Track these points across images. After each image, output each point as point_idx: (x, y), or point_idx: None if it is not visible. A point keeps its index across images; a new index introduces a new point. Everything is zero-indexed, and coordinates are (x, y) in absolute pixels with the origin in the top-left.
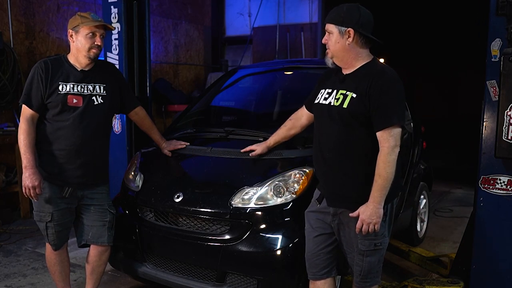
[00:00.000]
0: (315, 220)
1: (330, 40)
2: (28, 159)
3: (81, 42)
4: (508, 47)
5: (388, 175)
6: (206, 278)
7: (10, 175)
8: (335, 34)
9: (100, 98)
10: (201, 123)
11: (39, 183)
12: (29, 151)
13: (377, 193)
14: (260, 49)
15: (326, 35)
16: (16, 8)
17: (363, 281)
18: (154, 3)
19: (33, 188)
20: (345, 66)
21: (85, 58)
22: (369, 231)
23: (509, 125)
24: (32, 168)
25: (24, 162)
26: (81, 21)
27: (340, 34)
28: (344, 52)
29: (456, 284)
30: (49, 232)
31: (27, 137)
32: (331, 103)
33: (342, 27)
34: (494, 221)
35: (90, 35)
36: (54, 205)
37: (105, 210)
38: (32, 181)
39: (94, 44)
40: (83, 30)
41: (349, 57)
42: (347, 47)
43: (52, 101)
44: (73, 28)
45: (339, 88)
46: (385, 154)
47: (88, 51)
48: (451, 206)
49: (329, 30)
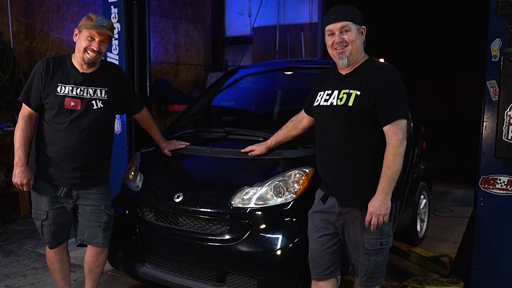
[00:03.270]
0: (319, 220)
1: (349, 36)
2: (20, 156)
3: (79, 43)
4: (508, 47)
5: (397, 167)
6: (206, 278)
7: (10, 175)
8: (354, 31)
9: (100, 102)
10: (201, 123)
11: (27, 181)
12: (21, 149)
13: (385, 184)
14: (260, 49)
15: (339, 34)
16: (16, 8)
17: (368, 280)
18: (154, 3)
19: (21, 186)
20: (352, 64)
21: (81, 59)
22: (378, 224)
23: (509, 125)
24: (23, 165)
25: (15, 159)
26: (85, 22)
27: (358, 32)
28: (359, 49)
29: (456, 284)
30: (44, 230)
31: (22, 135)
32: (333, 103)
33: (359, 25)
34: (494, 221)
35: (89, 38)
36: (49, 204)
37: (101, 211)
38: (21, 179)
39: (90, 47)
40: (84, 32)
41: (359, 55)
42: (360, 45)
43: (49, 102)
44: (78, 28)
45: (341, 88)
46: (394, 147)
47: (83, 53)
48: (451, 206)
49: (347, 28)
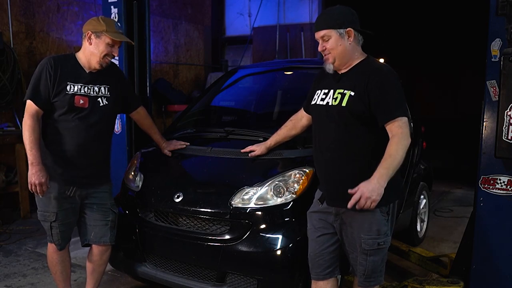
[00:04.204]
0: (317, 220)
1: (329, 45)
2: (35, 155)
3: (98, 48)
4: (508, 47)
5: (399, 157)
6: (206, 278)
7: (10, 175)
8: (333, 37)
9: (105, 99)
10: (201, 123)
11: (45, 180)
12: (35, 148)
13: (384, 170)
14: (260, 49)
15: (321, 42)
16: (16, 8)
17: (367, 280)
18: (154, 3)
19: (40, 185)
20: (345, 66)
21: (97, 64)
22: (364, 207)
23: (509, 125)
24: (39, 164)
25: (30, 159)
26: (107, 28)
27: (341, 36)
28: (346, 53)
29: (456, 284)
30: (54, 232)
31: (33, 134)
32: (328, 103)
33: (340, 29)
34: (494, 221)
35: (111, 45)
36: (58, 205)
37: (108, 209)
38: (39, 178)
39: (111, 54)
40: (105, 38)
41: (350, 57)
42: (348, 47)
43: (58, 100)
44: (95, 32)
45: (336, 88)
46: (399, 137)
47: (103, 58)
48: (451, 206)
49: (325, 36)
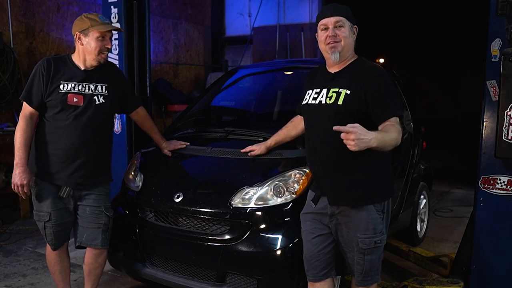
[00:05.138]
0: (311, 221)
1: (342, 32)
2: (20, 156)
3: (91, 45)
4: (508, 47)
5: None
6: (206, 278)
7: (10, 175)
8: (347, 28)
9: (101, 98)
10: (201, 123)
11: (27, 182)
12: (22, 149)
13: (379, 135)
14: (260, 49)
15: (332, 28)
16: (16, 8)
17: (364, 279)
18: (154, 3)
19: (21, 186)
20: (342, 62)
21: (94, 61)
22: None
23: (509, 125)
24: (23, 166)
25: (16, 159)
26: (91, 24)
27: (351, 30)
28: (350, 47)
29: (456, 284)
30: (47, 232)
31: (23, 135)
32: (321, 102)
33: (352, 24)
34: (494, 221)
35: (101, 38)
36: (52, 205)
37: (101, 212)
38: (21, 180)
39: (104, 47)
40: (93, 33)
41: (350, 53)
42: (352, 43)
43: (52, 99)
44: (82, 31)
45: (329, 87)
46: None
47: (98, 55)
48: (451, 206)
49: (341, 23)
